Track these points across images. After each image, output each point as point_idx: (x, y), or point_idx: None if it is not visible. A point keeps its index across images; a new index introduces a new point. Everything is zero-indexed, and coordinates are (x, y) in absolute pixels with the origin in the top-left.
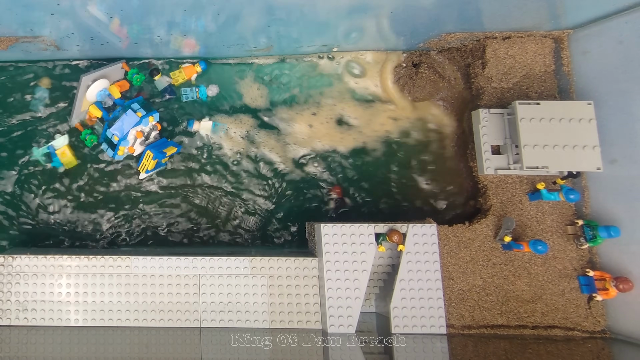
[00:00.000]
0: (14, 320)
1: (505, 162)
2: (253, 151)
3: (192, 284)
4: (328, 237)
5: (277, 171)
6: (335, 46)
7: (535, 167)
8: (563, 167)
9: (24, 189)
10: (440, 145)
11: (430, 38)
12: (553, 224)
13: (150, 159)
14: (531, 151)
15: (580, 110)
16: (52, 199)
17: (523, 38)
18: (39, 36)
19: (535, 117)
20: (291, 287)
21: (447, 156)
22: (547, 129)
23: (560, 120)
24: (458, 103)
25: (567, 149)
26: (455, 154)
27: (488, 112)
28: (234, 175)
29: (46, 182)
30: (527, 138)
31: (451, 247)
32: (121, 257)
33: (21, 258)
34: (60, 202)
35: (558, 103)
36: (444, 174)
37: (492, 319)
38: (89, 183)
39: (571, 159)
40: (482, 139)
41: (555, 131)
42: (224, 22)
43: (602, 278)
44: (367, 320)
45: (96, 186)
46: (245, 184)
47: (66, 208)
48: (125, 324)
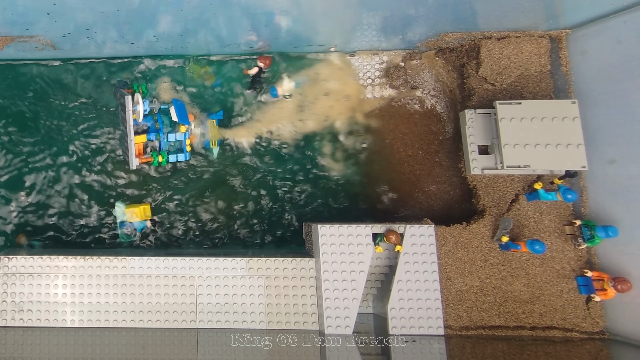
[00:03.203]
0: (10, 321)
1: (493, 162)
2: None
3: (189, 284)
4: (325, 238)
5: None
6: (333, 46)
7: (516, 166)
8: (546, 166)
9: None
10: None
11: (428, 38)
12: (551, 224)
13: (214, 127)
14: (512, 150)
15: (564, 108)
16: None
17: (519, 38)
18: (34, 36)
19: (516, 116)
20: (288, 287)
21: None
22: (528, 128)
23: (543, 119)
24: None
25: (550, 148)
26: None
27: (474, 113)
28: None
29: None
30: (508, 137)
31: (449, 247)
32: (117, 257)
33: (17, 258)
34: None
35: (541, 102)
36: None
37: (490, 320)
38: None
39: (555, 158)
40: (469, 139)
41: (537, 130)
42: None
43: (600, 278)
44: (365, 321)
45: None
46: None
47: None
48: (122, 325)
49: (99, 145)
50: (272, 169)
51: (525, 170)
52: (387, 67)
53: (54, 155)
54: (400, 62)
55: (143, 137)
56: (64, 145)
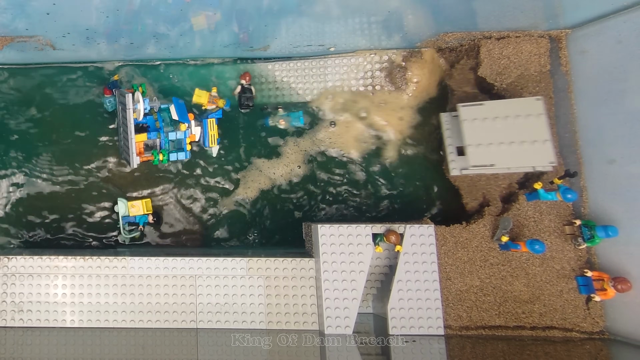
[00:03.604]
0: (10, 321)
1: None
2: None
3: (189, 284)
4: (325, 238)
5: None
6: (332, 46)
7: (481, 166)
8: (512, 163)
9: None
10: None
11: (428, 37)
12: (551, 224)
13: (214, 125)
14: (476, 150)
15: (528, 106)
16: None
17: (519, 38)
18: (34, 36)
19: (478, 117)
20: (288, 287)
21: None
22: (491, 128)
23: (506, 118)
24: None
25: (515, 146)
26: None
27: (450, 116)
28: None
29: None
30: (471, 138)
31: (448, 247)
32: (117, 257)
33: (17, 259)
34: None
35: (504, 102)
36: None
37: (490, 320)
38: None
39: (521, 155)
40: (447, 141)
41: (500, 129)
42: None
43: (600, 278)
44: (365, 321)
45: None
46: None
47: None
48: (121, 325)
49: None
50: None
51: (491, 169)
52: (388, 67)
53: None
54: (401, 62)
55: (143, 135)
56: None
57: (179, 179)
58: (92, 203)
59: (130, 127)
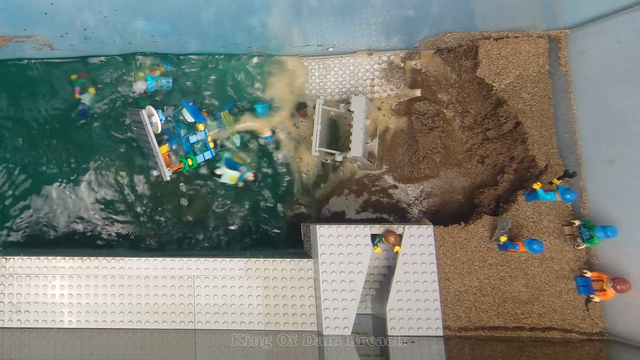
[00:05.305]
0: (7, 322)
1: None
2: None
3: (187, 285)
4: (324, 239)
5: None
6: (331, 46)
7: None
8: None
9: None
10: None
11: (426, 37)
12: (550, 224)
13: (227, 115)
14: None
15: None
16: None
17: (518, 38)
18: (32, 35)
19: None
20: (286, 288)
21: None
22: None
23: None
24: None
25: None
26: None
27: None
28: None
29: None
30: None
31: (447, 247)
32: (115, 258)
33: (14, 259)
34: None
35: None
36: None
37: (489, 321)
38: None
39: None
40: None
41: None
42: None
43: (599, 279)
44: (363, 322)
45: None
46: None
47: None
48: (119, 326)
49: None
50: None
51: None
52: (386, 67)
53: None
54: (400, 62)
55: (165, 146)
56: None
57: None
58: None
59: (154, 142)
